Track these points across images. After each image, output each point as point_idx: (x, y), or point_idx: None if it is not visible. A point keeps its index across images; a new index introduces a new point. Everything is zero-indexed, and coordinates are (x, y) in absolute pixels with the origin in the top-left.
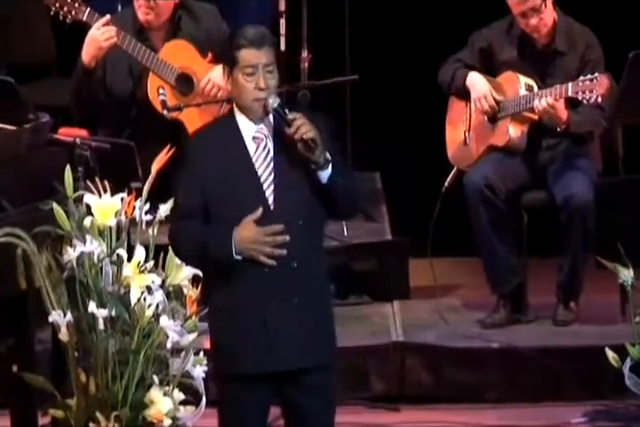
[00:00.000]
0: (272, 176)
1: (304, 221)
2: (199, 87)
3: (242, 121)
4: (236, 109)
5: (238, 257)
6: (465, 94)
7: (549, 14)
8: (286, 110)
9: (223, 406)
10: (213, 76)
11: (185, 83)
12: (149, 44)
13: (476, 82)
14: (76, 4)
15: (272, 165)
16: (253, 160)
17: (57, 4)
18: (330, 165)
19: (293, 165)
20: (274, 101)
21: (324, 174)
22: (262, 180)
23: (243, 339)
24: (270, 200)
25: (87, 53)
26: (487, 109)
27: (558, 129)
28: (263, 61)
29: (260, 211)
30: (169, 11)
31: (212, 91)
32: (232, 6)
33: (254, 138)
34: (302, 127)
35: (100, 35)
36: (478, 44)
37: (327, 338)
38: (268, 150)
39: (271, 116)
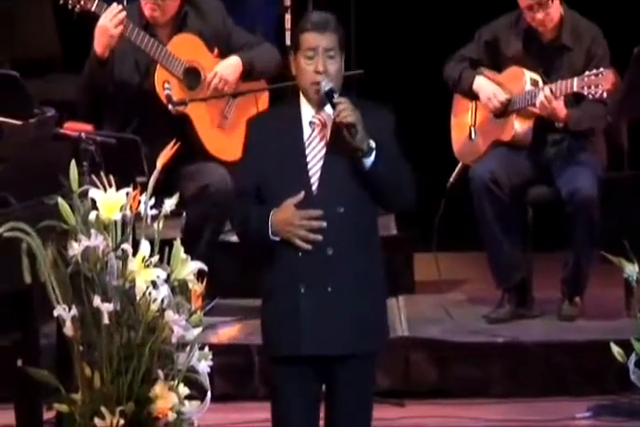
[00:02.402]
0: (321, 162)
1: (346, 209)
2: (205, 80)
3: (304, 105)
4: (301, 94)
5: (275, 238)
6: (471, 97)
7: (556, 9)
8: (335, 95)
9: (271, 390)
10: (220, 70)
11: (192, 76)
12: (156, 39)
13: (484, 86)
14: None
15: (324, 151)
16: (305, 144)
17: None
18: (373, 153)
19: (346, 155)
20: (326, 84)
21: (367, 162)
22: (310, 165)
23: (278, 321)
24: (315, 185)
25: (99, 44)
26: (498, 108)
27: (559, 125)
28: (323, 45)
29: (301, 194)
30: (175, 8)
31: (218, 84)
32: (238, 1)
33: (311, 122)
34: (343, 111)
35: (109, 22)
36: (484, 38)
37: (365, 330)
38: (323, 136)
39: None
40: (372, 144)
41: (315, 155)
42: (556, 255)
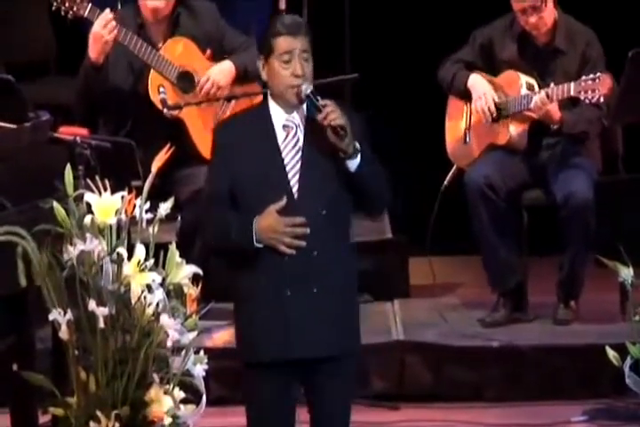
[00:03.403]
0: (299, 165)
1: (327, 211)
2: (198, 85)
3: (274, 109)
4: (269, 98)
5: (259, 245)
6: (466, 96)
7: (550, 13)
8: (318, 97)
9: (247, 395)
10: (213, 75)
11: (186, 80)
12: (150, 41)
13: (478, 84)
14: (78, 0)
15: (300, 154)
16: (281, 148)
17: (58, 0)
18: (359, 155)
19: (322, 156)
20: (307, 88)
21: (353, 163)
22: (288, 168)
23: (262, 327)
24: (295, 188)
25: (94, 50)
26: (487, 109)
27: (554, 127)
28: (299, 48)
29: (284, 201)
30: (173, 2)
31: (210, 89)
32: (232, 4)
33: (284, 126)
34: (332, 114)
35: (102, 29)
36: (479, 41)
37: (348, 330)
38: (298, 139)
39: (304, 106)
40: (358, 146)
41: (291, 158)
42: (551, 259)
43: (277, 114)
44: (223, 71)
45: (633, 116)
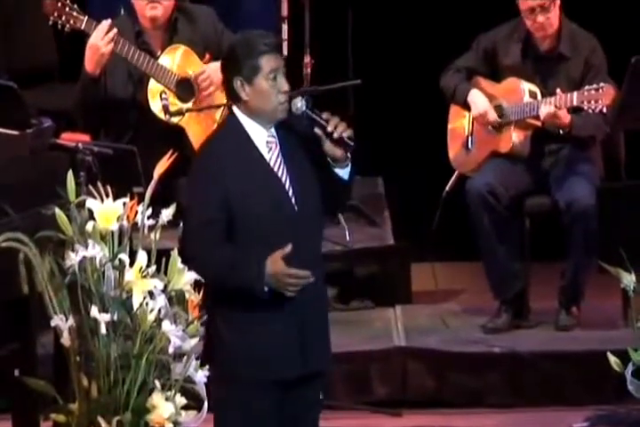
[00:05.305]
0: (289, 179)
1: (319, 221)
2: (196, 80)
3: (250, 126)
4: (241, 116)
5: (265, 288)
6: (468, 109)
7: (555, 15)
8: (316, 111)
9: (233, 412)
10: (209, 70)
11: (185, 87)
12: (148, 48)
13: (476, 100)
14: (74, 13)
15: (285, 167)
16: (271, 165)
17: (55, 14)
18: (350, 163)
19: (301, 167)
20: (302, 104)
21: (345, 171)
22: (283, 182)
23: (276, 345)
24: (293, 201)
25: (90, 62)
26: (489, 125)
27: (561, 132)
28: (282, 64)
29: (289, 247)
30: (171, 7)
31: (204, 82)
32: (234, 12)
33: (268, 143)
34: (341, 126)
35: (100, 40)
36: (483, 45)
37: (328, 342)
38: (279, 154)
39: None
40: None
41: (281, 174)
42: (552, 265)
43: (255, 131)
44: (219, 68)
45: (634, 122)
